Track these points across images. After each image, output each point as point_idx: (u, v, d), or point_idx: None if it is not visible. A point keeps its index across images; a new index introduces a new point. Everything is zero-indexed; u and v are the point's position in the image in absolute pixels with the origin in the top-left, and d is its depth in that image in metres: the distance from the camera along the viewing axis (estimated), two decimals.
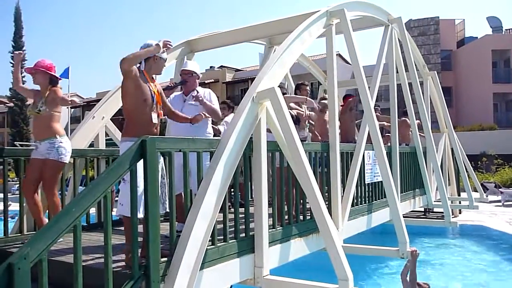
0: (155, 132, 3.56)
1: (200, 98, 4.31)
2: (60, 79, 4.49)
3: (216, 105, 4.49)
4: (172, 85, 4.51)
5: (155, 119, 3.57)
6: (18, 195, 4.58)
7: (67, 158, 4.34)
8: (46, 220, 4.32)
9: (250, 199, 4.16)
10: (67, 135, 4.46)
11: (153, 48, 3.60)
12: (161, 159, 3.32)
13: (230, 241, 3.77)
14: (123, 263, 3.33)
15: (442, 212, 9.43)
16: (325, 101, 6.77)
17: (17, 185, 4.81)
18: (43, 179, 4.28)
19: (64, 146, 4.30)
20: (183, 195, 3.45)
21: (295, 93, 6.22)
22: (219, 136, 4.91)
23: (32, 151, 4.40)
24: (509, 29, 34.76)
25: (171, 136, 4.39)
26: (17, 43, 35.59)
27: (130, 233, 3.12)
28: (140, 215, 3.07)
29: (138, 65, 3.57)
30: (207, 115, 4.13)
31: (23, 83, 4.66)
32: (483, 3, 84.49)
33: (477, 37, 33.69)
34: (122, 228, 3.69)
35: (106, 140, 6.00)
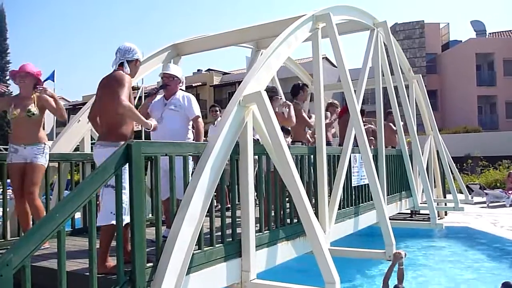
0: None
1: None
2: (42, 86, 4.39)
3: (195, 109, 4.41)
4: (155, 91, 4.47)
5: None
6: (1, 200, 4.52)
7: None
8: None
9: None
10: (53, 138, 4.46)
11: (147, 123, 3.67)
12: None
13: (216, 245, 3.76)
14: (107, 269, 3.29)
15: (428, 214, 9.52)
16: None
17: (0, 190, 4.71)
18: (26, 183, 4.21)
19: (48, 152, 4.41)
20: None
21: (299, 93, 6.26)
22: None
23: (8, 155, 4.30)
24: (492, 33, 35.39)
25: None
26: (1, 46, 35.20)
27: (108, 239, 3.19)
28: (125, 221, 3.06)
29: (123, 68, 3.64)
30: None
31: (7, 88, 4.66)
32: (467, 7, 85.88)
33: (461, 41, 34.25)
34: None
35: (91, 144, 5.94)
